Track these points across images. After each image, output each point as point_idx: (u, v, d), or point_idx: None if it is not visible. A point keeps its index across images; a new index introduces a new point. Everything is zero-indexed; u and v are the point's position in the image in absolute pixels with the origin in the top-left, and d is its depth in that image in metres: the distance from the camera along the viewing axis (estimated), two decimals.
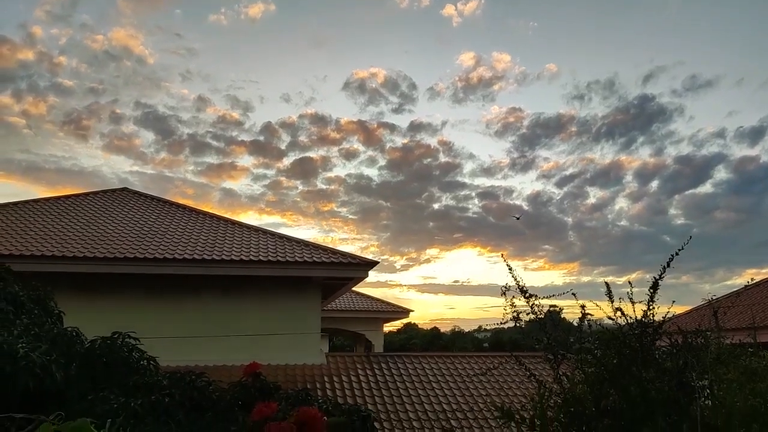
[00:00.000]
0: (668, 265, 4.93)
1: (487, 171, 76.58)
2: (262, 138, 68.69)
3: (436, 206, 79.88)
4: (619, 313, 4.98)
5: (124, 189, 19.12)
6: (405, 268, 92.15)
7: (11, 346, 5.67)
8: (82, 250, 12.84)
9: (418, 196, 78.57)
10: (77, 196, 17.89)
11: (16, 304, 7.06)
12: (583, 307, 5.26)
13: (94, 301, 12.71)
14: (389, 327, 37.00)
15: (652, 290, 4.92)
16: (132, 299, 13.23)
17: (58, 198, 17.46)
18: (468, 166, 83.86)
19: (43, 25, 49.90)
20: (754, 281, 19.37)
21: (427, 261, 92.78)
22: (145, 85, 56.02)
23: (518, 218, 28.64)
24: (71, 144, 59.08)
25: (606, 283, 5.22)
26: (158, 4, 51.80)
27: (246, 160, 74.03)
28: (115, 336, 7.29)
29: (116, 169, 63.38)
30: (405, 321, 40.94)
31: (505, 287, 5.33)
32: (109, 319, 10.60)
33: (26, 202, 16.59)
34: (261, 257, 13.53)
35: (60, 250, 12.72)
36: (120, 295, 13.22)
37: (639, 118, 63.83)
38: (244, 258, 13.37)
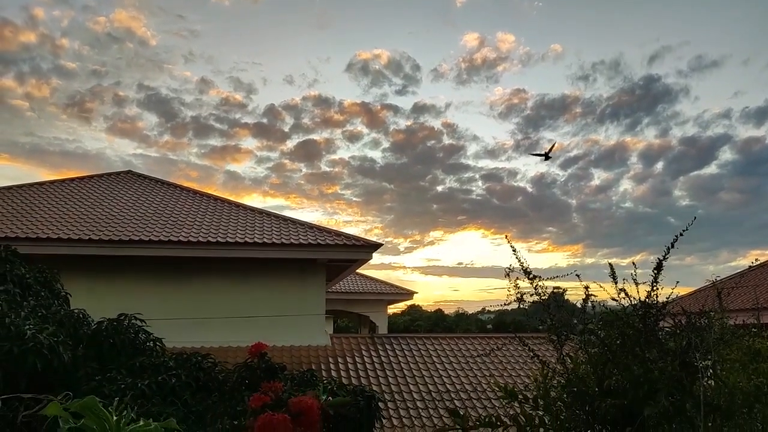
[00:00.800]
0: (672, 246, 4.92)
1: (491, 153, 76.32)
2: (265, 120, 68.51)
3: (439, 188, 79.79)
4: (622, 295, 4.99)
5: (129, 172, 19.14)
6: (409, 250, 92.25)
7: (19, 327, 5.73)
8: (87, 233, 12.90)
9: (421, 178, 78.42)
10: (82, 179, 17.94)
11: (22, 287, 7.12)
12: (586, 288, 5.26)
13: (100, 283, 12.79)
14: (393, 309, 37.16)
15: (655, 271, 4.92)
16: (138, 281, 13.31)
17: (63, 181, 17.51)
18: (472, 148, 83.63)
19: (45, 7, 49.65)
20: (759, 262, 19.38)
21: (431, 243, 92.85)
22: (147, 67, 55.76)
23: (547, 155, 26.58)
24: (75, 127, 59.03)
25: (610, 264, 5.23)
26: None
27: (249, 143, 73.89)
28: (122, 318, 7.35)
29: (120, 151, 63.31)
30: (409, 303, 41.20)
31: (509, 269, 5.33)
32: (115, 301, 10.69)
33: (31, 185, 16.64)
34: (266, 240, 13.57)
35: (66, 233, 12.78)
36: (126, 277, 13.29)
37: (644, 99, 63.35)
38: (249, 240, 13.41)
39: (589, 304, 5.31)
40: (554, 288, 5.59)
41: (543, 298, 5.43)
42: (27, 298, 6.93)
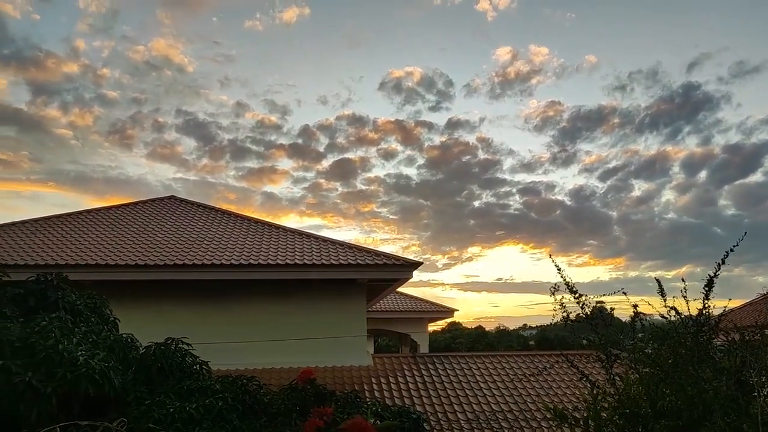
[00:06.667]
0: (723, 263, 4.81)
1: (528, 167, 75.91)
2: (300, 141, 69.57)
3: (476, 204, 79.54)
4: (673, 312, 4.88)
5: (171, 197, 19.57)
6: (447, 266, 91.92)
7: (71, 353, 5.88)
8: (134, 258, 13.20)
9: (458, 194, 78.35)
10: (127, 205, 18.41)
11: (73, 313, 7.31)
12: (635, 306, 5.17)
13: (146, 307, 13.04)
14: (433, 326, 36.91)
15: (707, 288, 4.80)
16: (182, 305, 13.53)
17: (109, 208, 17.99)
18: (508, 163, 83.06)
19: (86, 38, 51.68)
20: None
21: (469, 259, 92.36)
22: (185, 92, 57.34)
23: None
24: (116, 153, 60.87)
25: (657, 279, 5.13)
26: (196, 13, 52.95)
27: (285, 164, 75.09)
28: (169, 341, 7.47)
29: (160, 176, 65.00)
30: (449, 320, 40.87)
31: (555, 286, 5.28)
32: (162, 325, 10.89)
33: (79, 212, 17.13)
34: (306, 261, 13.67)
35: (113, 259, 13.10)
36: (171, 301, 13.53)
37: (684, 107, 62.34)
38: (289, 262, 13.52)
39: (638, 322, 5.20)
40: (597, 302, 5.51)
41: (589, 315, 5.35)
42: (78, 324, 7.10)
